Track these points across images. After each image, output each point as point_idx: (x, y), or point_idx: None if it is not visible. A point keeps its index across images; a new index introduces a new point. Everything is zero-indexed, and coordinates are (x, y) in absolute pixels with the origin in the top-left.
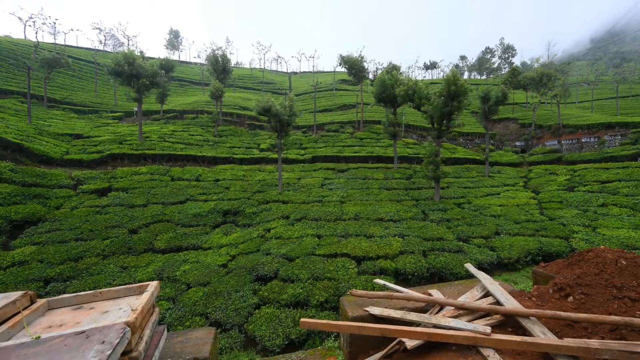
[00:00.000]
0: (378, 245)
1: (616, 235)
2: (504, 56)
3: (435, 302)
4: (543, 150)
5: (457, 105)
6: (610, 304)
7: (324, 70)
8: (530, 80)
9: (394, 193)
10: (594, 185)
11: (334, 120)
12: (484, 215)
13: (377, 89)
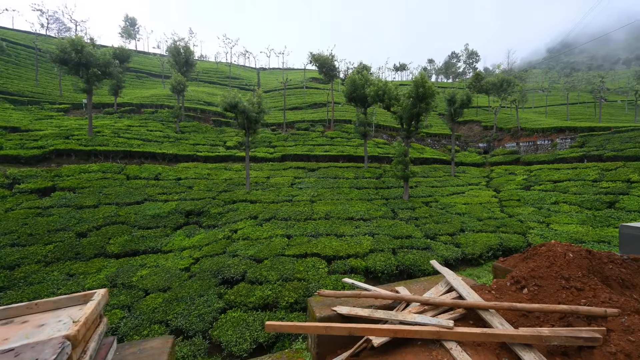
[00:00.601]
0: (348, 244)
1: (566, 230)
2: (469, 61)
3: (402, 299)
4: (503, 151)
5: (425, 107)
6: (559, 294)
7: (294, 68)
8: (492, 85)
9: (364, 192)
10: (548, 184)
11: (304, 118)
12: (450, 213)
13: (347, 88)
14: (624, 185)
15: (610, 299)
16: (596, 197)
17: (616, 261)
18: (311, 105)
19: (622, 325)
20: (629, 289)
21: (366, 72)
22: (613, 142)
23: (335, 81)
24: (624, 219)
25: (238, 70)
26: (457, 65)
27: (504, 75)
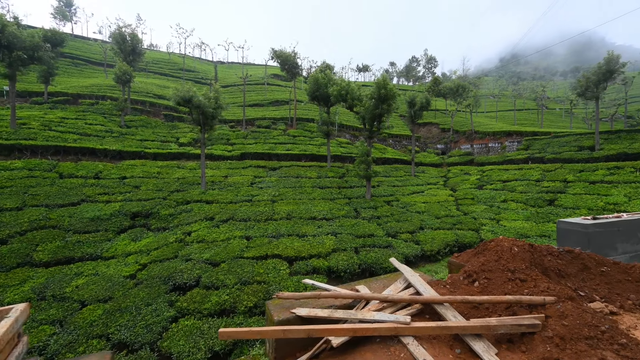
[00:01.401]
0: (311, 245)
1: (514, 226)
2: (428, 66)
3: (362, 298)
4: (459, 152)
5: (386, 108)
6: (506, 285)
7: (254, 63)
8: (449, 90)
9: (327, 191)
10: (498, 183)
11: (265, 115)
12: (410, 211)
13: (310, 86)
14: (562, 184)
15: (548, 288)
16: (539, 195)
17: (554, 253)
18: (273, 102)
19: (558, 311)
20: (564, 277)
21: (329, 72)
22: (553, 146)
23: (298, 79)
24: (561, 215)
25: (193, 63)
26: (417, 70)
27: (460, 81)
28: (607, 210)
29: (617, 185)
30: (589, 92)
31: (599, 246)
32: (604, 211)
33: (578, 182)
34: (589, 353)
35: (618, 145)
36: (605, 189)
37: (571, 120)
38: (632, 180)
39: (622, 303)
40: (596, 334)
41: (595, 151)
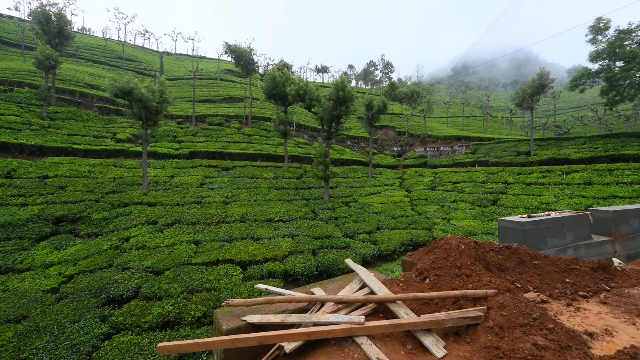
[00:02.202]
0: (266, 248)
1: (463, 225)
2: (385, 71)
3: (316, 300)
4: (414, 155)
5: (345, 110)
6: (453, 281)
7: (206, 56)
8: (404, 95)
9: (284, 193)
10: (449, 185)
11: (217, 112)
12: (367, 212)
13: (267, 84)
14: (503, 186)
15: (490, 281)
16: (484, 196)
17: (495, 249)
18: (226, 99)
19: (498, 302)
20: (504, 271)
21: (287, 70)
22: (496, 151)
23: (254, 76)
24: (503, 214)
25: (135, 52)
26: (375, 74)
27: (415, 87)
28: (540, 209)
29: (548, 187)
30: (525, 103)
31: (533, 241)
32: (538, 210)
33: (517, 183)
34: (523, 339)
35: (548, 151)
36: (539, 189)
37: (511, 127)
38: (559, 182)
39: (550, 292)
40: (529, 322)
41: (530, 156)
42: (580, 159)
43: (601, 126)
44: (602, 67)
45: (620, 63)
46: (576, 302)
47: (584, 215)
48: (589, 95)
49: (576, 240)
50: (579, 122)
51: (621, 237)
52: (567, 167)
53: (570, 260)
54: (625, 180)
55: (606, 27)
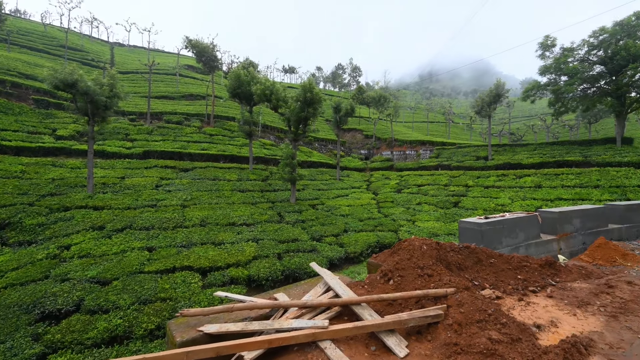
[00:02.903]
0: (229, 253)
1: (427, 226)
2: (353, 74)
3: (279, 306)
4: (381, 158)
5: (312, 112)
6: (416, 281)
7: (164, 50)
8: (372, 99)
9: (248, 195)
10: (414, 187)
11: (176, 110)
12: (335, 215)
13: (232, 83)
14: (464, 188)
15: (450, 280)
16: (446, 198)
17: (455, 249)
18: (186, 96)
19: (457, 300)
20: (463, 270)
21: (253, 69)
22: (457, 155)
23: (217, 73)
24: (463, 215)
25: (80, 41)
26: (343, 77)
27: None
28: (496, 210)
29: (504, 190)
30: (484, 111)
31: (490, 241)
32: (495, 211)
33: (476, 186)
34: (479, 334)
35: (504, 157)
36: (496, 192)
37: (471, 134)
38: (513, 185)
39: (505, 288)
40: (485, 317)
41: (488, 161)
42: (531, 164)
43: (549, 134)
44: (550, 81)
45: (565, 77)
46: (527, 297)
47: (534, 216)
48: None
49: (527, 239)
50: (531, 130)
51: (565, 235)
52: (520, 171)
53: (521, 258)
54: (569, 184)
55: (553, 45)
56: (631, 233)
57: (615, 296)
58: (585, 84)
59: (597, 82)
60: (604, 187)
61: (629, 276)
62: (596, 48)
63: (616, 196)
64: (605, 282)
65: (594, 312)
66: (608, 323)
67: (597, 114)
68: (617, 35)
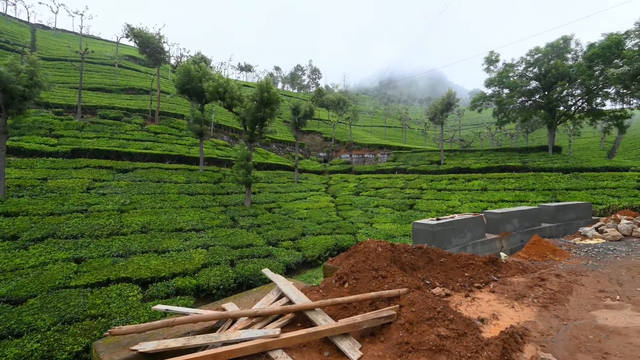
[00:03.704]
0: (174, 261)
1: (384, 228)
2: (312, 76)
3: (227, 317)
4: (339, 161)
5: (269, 112)
6: (371, 283)
7: (100, 37)
8: (331, 102)
9: (198, 199)
10: (372, 190)
11: (114, 104)
12: (292, 218)
13: (180, 78)
14: (419, 191)
15: (403, 281)
16: (402, 201)
17: (409, 250)
18: (127, 89)
19: (409, 300)
20: (416, 270)
21: (205, 65)
22: (413, 159)
23: (164, 66)
24: (418, 217)
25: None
26: (302, 78)
27: (341, 95)
28: (448, 212)
29: (455, 192)
30: (437, 117)
31: (441, 241)
32: (446, 213)
33: (430, 189)
34: (429, 331)
35: (455, 161)
36: (447, 195)
37: (425, 139)
38: (463, 188)
39: (453, 285)
40: (434, 315)
41: (441, 165)
42: (478, 168)
43: (494, 141)
44: (494, 93)
45: (507, 90)
46: (472, 293)
47: (480, 217)
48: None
49: (474, 238)
50: (478, 137)
51: (506, 234)
52: (468, 175)
53: (468, 256)
54: (510, 187)
55: (496, 60)
56: (560, 231)
57: (546, 288)
58: (524, 97)
59: (533, 96)
60: (539, 190)
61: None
62: (532, 65)
63: (548, 198)
64: (538, 276)
65: (529, 304)
66: (540, 313)
67: (533, 124)
68: (548, 55)
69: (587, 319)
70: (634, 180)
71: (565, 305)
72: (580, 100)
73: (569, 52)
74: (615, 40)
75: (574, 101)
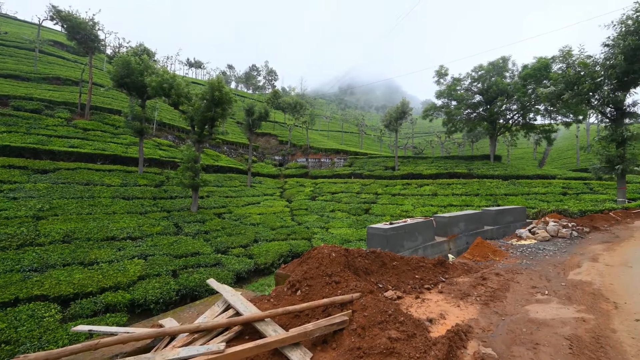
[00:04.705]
0: (104, 274)
1: (340, 233)
2: (269, 78)
3: (164, 334)
4: (295, 165)
5: (221, 112)
6: (324, 290)
7: (17, 17)
8: (288, 105)
9: (136, 203)
10: (328, 195)
11: (33, 94)
12: (244, 224)
13: (118, 70)
14: (374, 196)
15: (356, 285)
16: (358, 205)
17: (363, 255)
18: (49, 78)
19: (361, 305)
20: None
21: (147, 58)
22: (369, 165)
23: (99, 56)
24: (373, 222)
25: None
26: (258, 79)
27: (298, 99)
28: (401, 216)
29: (408, 197)
30: (392, 125)
31: (394, 245)
32: (399, 217)
33: (385, 194)
34: (380, 335)
35: (408, 167)
36: (401, 199)
37: (381, 145)
38: (415, 193)
39: (405, 288)
40: (385, 318)
41: (395, 170)
42: (429, 174)
43: (443, 149)
44: (444, 104)
45: (455, 102)
46: (422, 294)
47: (430, 221)
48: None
49: (425, 241)
50: (429, 145)
51: (454, 237)
52: (420, 180)
53: (419, 259)
54: (457, 192)
55: (446, 74)
56: (499, 233)
57: (488, 286)
58: (469, 109)
59: (477, 109)
60: (482, 195)
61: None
62: (476, 81)
63: (490, 202)
64: (481, 275)
65: (472, 302)
66: (482, 310)
67: (478, 134)
68: (490, 72)
69: (521, 314)
70: (559, 187)
71: (503, 301)
72: (517, 115)
73: (507, 71)
74: (544, 63)
75: (511, 115)
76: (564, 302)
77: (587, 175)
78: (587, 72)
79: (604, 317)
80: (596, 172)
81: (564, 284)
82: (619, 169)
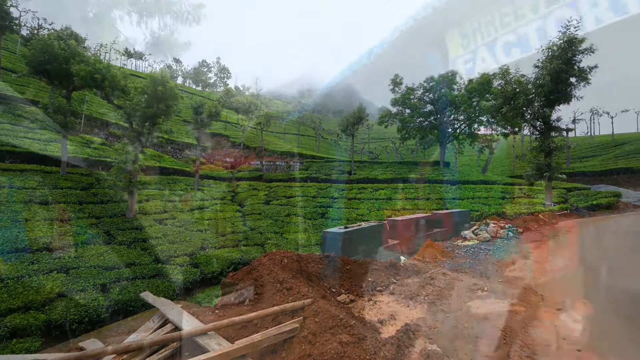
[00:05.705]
0: (10, 293)
1: (295, 238)
2: (220, 75)
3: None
4: (249, 168)
5: (164, 109)
6: (275, 297)
7: None
8: (241, 105)
9: (56, 209)
10: (283, 199)
11: None
12: (190, 230)
13: (36, 54)
14: (330, 200)
15: (309, 291)
16: (314, 209)
17: (316, 260)
18: None
19: (313, 310)
20: (322, 279)
21: (75, 43)
22: (325, 169)
23: (11, 37)
24: (329, 226)
25: None
26: (208, 76)
27: (253, 99)
28: (357, 220)
29: (363, 201)
30: (348, 129)
31: (348, 249)
32: (355, 221)
33: (341, 198)
34: (331, 340)
35: (364, 172)
36: (357, 203)
37: (338, 149)
38: (371, 197)
39: (358, 291)
40: (337, 323)
41: (351, 175)
42: (384, 179)
43: (398, 155)
44: (398, 111)
45: (408, 110)
46: (375, 297)
47: (383, 224)
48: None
49: (378, 244)
50: (385, 150)
51: (406, 239)
52: (376, 185)
53: (371, 262)
54: (410, 196)
55: (400, 82)
56: (447, 234)
57: (435, 286)
58: (422, 118)
59: (429, 117)
60: (433, 199)
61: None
62: (428, 91)
63: (440, 206)
64: (429, 275)
65: (421, 302)
66: (429, 308)
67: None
68: (440, 84)
69: (464, 310)
70: (499, 191)
71: (448, 299)
72: (463, 125)
73: (455, 84)
74: (486, 78)
75: (458, 125)
76: (500, 297)
77: (522, 181)
78: (521, 89)
79: (532, 309)
80: (529, 178)
81: (501, 280)
82: (547, 175)
